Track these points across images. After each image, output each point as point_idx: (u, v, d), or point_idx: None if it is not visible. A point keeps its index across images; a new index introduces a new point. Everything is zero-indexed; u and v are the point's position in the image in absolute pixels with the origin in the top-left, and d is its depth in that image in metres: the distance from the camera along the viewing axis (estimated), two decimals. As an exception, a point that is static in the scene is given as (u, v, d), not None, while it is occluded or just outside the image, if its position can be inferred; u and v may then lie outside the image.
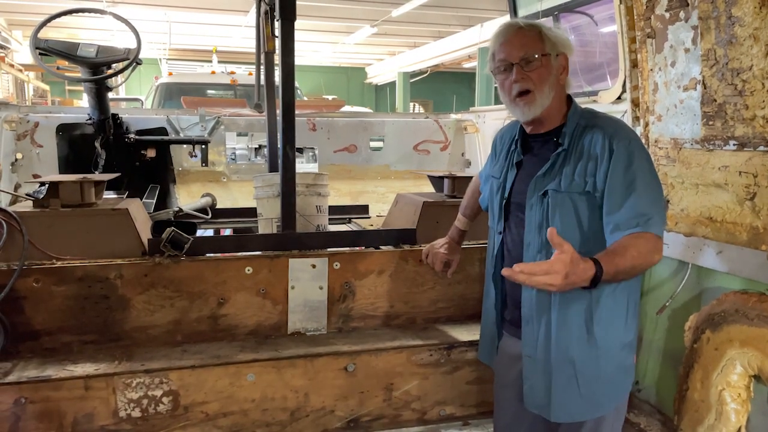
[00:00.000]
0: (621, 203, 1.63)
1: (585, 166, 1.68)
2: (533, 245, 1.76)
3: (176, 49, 16.64)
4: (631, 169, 1.63)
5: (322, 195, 2.82)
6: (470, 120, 4.68)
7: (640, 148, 1.69)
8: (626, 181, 1.63)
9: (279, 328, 2.40)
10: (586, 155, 1.68)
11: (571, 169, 1.70)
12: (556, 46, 1.73)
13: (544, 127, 1.80)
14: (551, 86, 1.72)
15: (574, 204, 1.69)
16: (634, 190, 1.62)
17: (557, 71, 1.74)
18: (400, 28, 15.18)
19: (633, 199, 1.62)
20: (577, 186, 1.68)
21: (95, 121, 3.32)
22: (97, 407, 2.03)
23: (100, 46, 3.05)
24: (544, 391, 1.77)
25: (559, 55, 1.75)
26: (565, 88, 1.80)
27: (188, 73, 10.08)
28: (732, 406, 1.96)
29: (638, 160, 1.65)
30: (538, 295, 1.75)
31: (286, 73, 2.37)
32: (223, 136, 4.26)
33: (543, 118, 1.78)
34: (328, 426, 2.26)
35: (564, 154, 1.73)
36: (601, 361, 1.72)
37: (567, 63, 1.77)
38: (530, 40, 1.71)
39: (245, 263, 2.34)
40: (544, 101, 1.72)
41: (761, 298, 1.92)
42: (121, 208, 2.33)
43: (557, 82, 1.75)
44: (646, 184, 1.64)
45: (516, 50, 1.71)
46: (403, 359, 2.32)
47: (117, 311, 2.22)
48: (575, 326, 1.71)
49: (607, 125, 1.71)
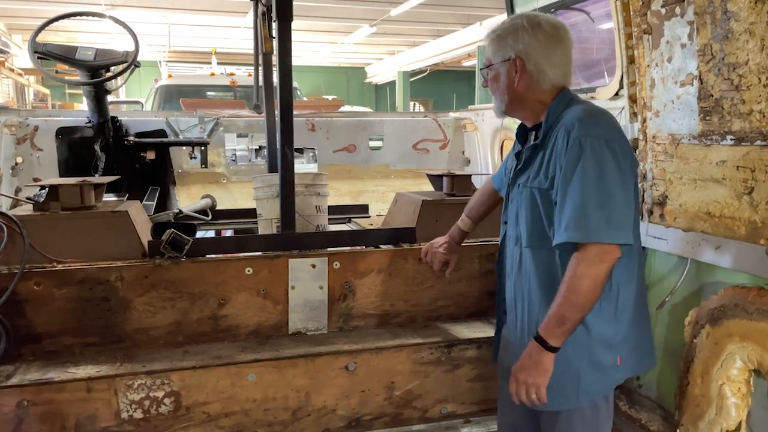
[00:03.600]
0: (559, 204, 1.63)
1: (548, 163, 1.70)
2: (511, 238, 1.84)
3: (176, 51, 16.67)
4: (574, 168, 1.60)
5: (321, 195, 2.83)
6: (469, 118, 4.69)
7: (594, 145, 1.60)
8: (564, 180, 1.61)
9: (280, 328, 2.41)
10: (550, 149, 1.70)
11: (537, 165, 1.74)
12: (499, 54, 1.77)
13: (528, 120, 1.86)
14: (503, 93, 1.80)
15: (537, 199, 1.72)
16: (567, 193, 1.60)
17: (508, 75, 1.76)
18: (399, 27, 15.18)
19: (568, 201, 1.60)
20: (539, 182, 1.72)
21: (94, 124, 3.33)
22: (99, 409, 2.04)
23: (99, 50, 3.06)
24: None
25: (507, 61, 1.75)
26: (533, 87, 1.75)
27: (188, 75, 10.09)
28: (732, 401, 1.96)
29: (586, 159, 1.58)
30: (516, 285, 1.81)
31: (284, 73, 2.37)
32: (222, 137, 4.27)
33: (515, 114, 1.87)
34: (329, 425, 2.27)
35: (535, 149, 1.77)
36: (568, 356, 1.69)
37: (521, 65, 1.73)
38: (487, 51, 1.84)
39: (245, 264, 2.34)
40: (500, 106, 1.84)
41: (760, 292, 1.92)
42: (121, 211, 2.34)
43: (510, 89, 1.77)
44: (582, 186, 1.58)
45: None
46: (404, 358, 2.33)
47: (118, 313, 2.23)
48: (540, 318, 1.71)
49: (573, 118, 1.66)
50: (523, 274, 1.79)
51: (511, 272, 1.85)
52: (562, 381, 1.72)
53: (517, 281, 1.82)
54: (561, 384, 1.72)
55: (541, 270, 1.73)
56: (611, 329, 1.73)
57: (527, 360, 1.67)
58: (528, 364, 1.66)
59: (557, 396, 1.73)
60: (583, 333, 1.70)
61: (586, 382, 1.73)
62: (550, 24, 1.75)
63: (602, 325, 1.71)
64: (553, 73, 1.76)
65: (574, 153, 1.60)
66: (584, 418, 1.77)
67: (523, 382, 1.67)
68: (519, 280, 1.81)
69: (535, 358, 1.64)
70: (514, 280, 1.83)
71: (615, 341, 1.74)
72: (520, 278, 1.80)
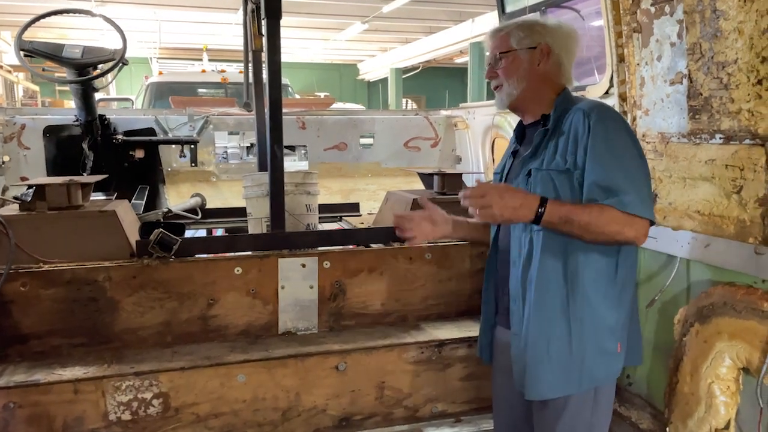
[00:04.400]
0: (587, 175, 1.67)
1: (566, 144, 1.72)
2: (518, 225, 1.81)
3: (166, 48, 16.56)
4: (605, 143, 1.66)
5: (311, 194, 2.81)
6: (460, 116, 4.68)
7: (618, 126, 1.71)
8: (596, 153, 1.66)
9: (270, 328, 2.39)
10: (567, 133, 1.72)
11: (553, 148, 1.75)
12: (526, 41, 1.82)
13: (533, 114, 1.88)
14: (520, 78, 1.83)
15: (554, 181, 1.72)
16: (601, 164, 1.65)
17: (530, 62, 1.82)
18: (391, 23, 15.14)
19: (598, 171, 1.65)
20: (557, 164, 1.72)
21: (82, 123, 3.30)
22: (87, 410, 2.02)
23: (86, 47, 3.03)
24: (523, 368, 1.79)
25: (534, 48, 1.82)
26: (552, 77, 1.85)
27: (179, 71, 10.03)
28: (721, 399, 1.97)
29: (614, 136, 1.68)
30: (523, 274, 1.79)
31: (273, 71, 2.36)
32: (212, 135, 4.24)
33: (523, 107, 1.89)
34: (319, 425, 2.26)
35: (548, 134, 1.78)
36: (574, 340, 1.72)
37: (547, 52, 1.82)
38: (500, 41, 1.87)
39: (235, 263, 2.33)
40: (512, 92, 1.85)
41: (749, 290, 1.92)
42: (109, 210, 2.32)
43: (531, 74, 1.82)
44: (616, 159, 1.65)
45: (490, 52, 1.91)
46: (395, 357, 2.32)
47: (106, 314, 2.21)
48: (552, 304, 1.73)
49: (589, 104, 1.74)
50: (532, 259, 1.77)
51: (518, 261, 1.82)
52: (567, 366, 1.73)
53: (525, 268, 1.79)
54: (568, 369, 1.73)
55: (554, 252, 1.73)
56: (614, 315, 1.76)
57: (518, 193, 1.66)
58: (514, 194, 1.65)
59: (563, 380, 1.74)
60: (591, 317, 1.73)
61: (590, 366, 1.74)
62: (568, 27, 1.88)
63: (607, 310, 1.74)
64: (568, 71, 1.87)
65: (602, 131, 1.67)
66: (584, 406, 1.77)
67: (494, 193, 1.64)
68: (528, 267, 1.78)
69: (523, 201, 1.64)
70: (522, 267, 1.79)
71: (617, 327, 1.77)
72: (529, 264, 1.77)
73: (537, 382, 1.76)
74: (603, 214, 1.62)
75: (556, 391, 1.76)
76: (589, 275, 1.72)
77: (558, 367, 1.73)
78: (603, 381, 1.79)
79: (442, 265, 2.57)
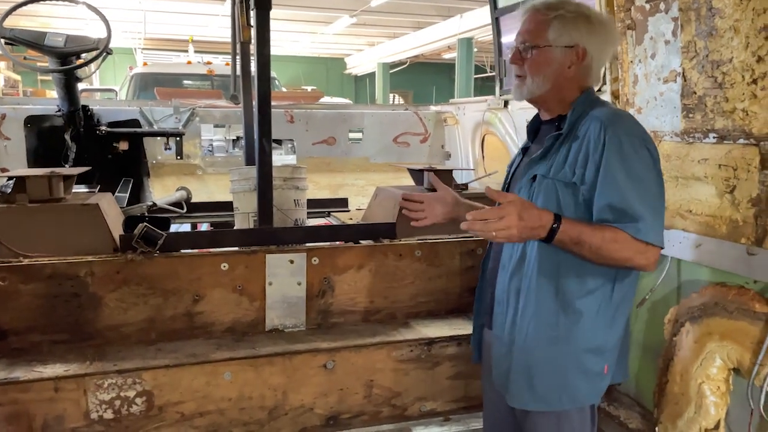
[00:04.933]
0: (600, 195, 1.57)
1: (577, 155, 1.61)
2: None
3: (151, 39, 16.35)
4: (621, 162, 1.54)
5: (300, 189, 2.77)
6: (450, 112, 4.65)
7: (637, 142, 1.57)
8: (611, 173, 1.54)
9: (256, 325, 2.35)
10: (580, 142, 1.61)
11: (563, 156, 1.65)
12: (565, 38, 1.65)
13: (550, 112, 1.77)
14: (547, 78, 1.68)
15: (558, 192, 1.62)
16: (616, 185, 1.54)
17: (562, 63, 1.67)
18: (379, 18, 15.09)
19: (612, 193, 1.54)
20: (564, 175, 1.63)
21: (65, 113, 3.23)
22: (68, 409, 1.97)
23: (69, 36, 2.96)
24: (506, 373, 1.75)
25: (571, 48, 1.66)
26: (579, 80, 1.70)
27: (164, 63, 9.89)
28: (711, 399, 1.97)
29: (631, 154, 1.54)
30: (510, 281, 1.73)
31: (262, 63, 2.31)
32: (198, 127, 4.18)
33: (541, 103, 1.77)
34: (307, 424, 2.23)
35: (561, 139, 1.67)
36: (560, 358, 1.66)
37: (582, 55, 1.66)
38: (536, 26, 1.68)
39: (221, 259, 2.28)
40: (534, 90, 1.71)
41: (740, 291, 1.92)
42: (92, 203, 2.26)
43: (559, 75, 1.68)
44: (633, 181, 1.54)
45: (521, 33, 1.71)
46: (384, 355, 2.29)
47: (88, 310, 2.15)
48: (538, 317, 1.66)
49: (608, 115, 1.61)
50: (524, 266, 1.70)
51: (507, 265, 1.76)
52: (549, 383, 1.69)
53: (514, 274, 1.72)
54: (548, 386, 1.69)
55: (547, 265, 1.65)
56: (603, 336, 1.68)
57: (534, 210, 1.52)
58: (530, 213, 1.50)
59: (543, 397, 1.70)
60: (579, 337, 1.65)
61: (574, 388, 1.69)
62: (610, 22, 1.72)
63: (595, 332, 1.66)
64: (598, 72, 1.74)
65: (617, 148, 1.54)
66: (571, 423, 1.72)
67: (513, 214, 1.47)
68: (517, 273, 1.71)
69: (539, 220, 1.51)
70: (511, 272, 1.73)
71: (605, 349, 1.69)
72: (519, 271, 1.71)
73: (518, 393, 1.72)
74: (616, 239, 1.51)
75: (534, 406, 1.71)
76: (582, 293, 1.64)
77: (540, 383, 1.67)
78: (585, 401, 1.73)
79: (432, 262, 2.55)
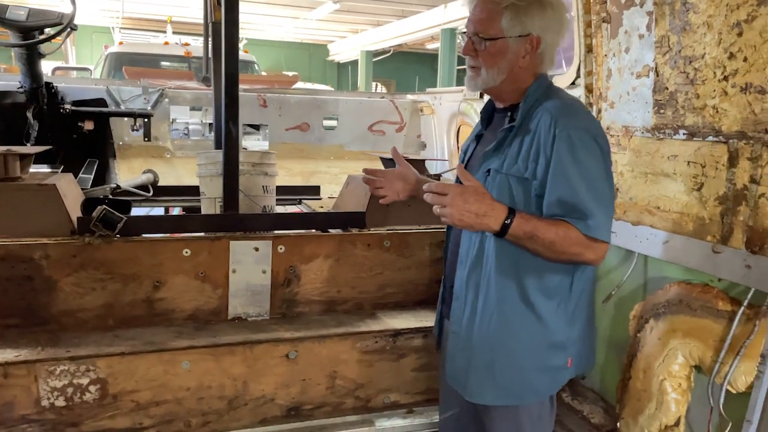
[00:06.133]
0: (550, 190, 1.55)
1: (529, 149, 1.59)
2: None
3: (130, 18, 15.98)
4: (572, 157, 1.52)
5: (269, 174, 2.71)
6: (426, 101, 4.61)
7: (586, 137, 1.55)
8: (561, 168, 1.53)
9: (219, 313, 2.30)
10: (532, 135, 1.59)
11: (516, 150, 1.62)
12: (518, 28, 1.60)
13: (504, 101, 1.74)
14: (501, 70, 1.64)
15: (512, 187, 1.60)
16: (566, 181, 1.52)
17: (516, 53, 1.63)
18: (362, 5, 14.90)
19: (563, 188, 1.52)
20: (517, 170, 1.60)
21: (27, 90, 3.11)
22: (18, 396, 1.90)
23: (32, 9, 2.85)
24: (464, 369, 1.73)
25: (524, 37, 1.62)
26: (533, 68, 1.67)
27: (140, 42, 9.68)
28: (672, 396, 1.97)
29: (581, 149, 1.53)
30: (470, 273, 1.70)
31: (230, 44, 2.25)
32: (167, 109, 4.07)
33: (496, 93, 1.74)
34: (267, 414, 2.19)
35: (514, 132, 1.65)
36: (520, 355, 1.65)
37: (536, 44, 1.62)
38: (488, 16, 1.63)
39: (183, 245, 2.22)
40: (489, 81, 1.67)
41: (705, 288, 1.92)
42: (49, 184, 2.18)
43: (514, 65, 1.64)
44: (582, 178, 1.52)
45: (472, 22, 1.66)
46: (348, 346, 2.26)
47: (42, 294, 2.08)
48: (500, 313, 1.65)
49: (559, 107, 1.58)
50: (482, 262, 1.68)
51: (465, 260, 1.73)
52: (511, 378, 1.67)
53: (472, 270, 1.70)
54: (510, 381, 1.67)
55: (504, 259, 1.63)
56: (565, 332, 1.67)
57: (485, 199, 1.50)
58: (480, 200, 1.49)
59: (505, 392, 1.68)
60: (537, 337, 1.64)
61: (536, 382, 1.68)
62: (561, 5, 1.66)
63: (557, 327, 1.65)
64: (551, 57, 1.70)
65: (567, 144, 1.52)
66: (530, 415, 1.72)
67: (457, 196, 1.48)
68: (475, 269, 1.69)
69: (489, 209, 1.49)
70: (469, 268, 1.71)
71: (568, 343, 1.68)
72: (478, 267, 1.69)
73: (478, 388, 1.71)
74: (568, 234, 1.50)
75: (497, 400, 1.70)
76: (542, 290, 1.63)
77: (500, 379, 1.66)
78: (546, 394, 1.73)
79: (401, 253, 2.51)
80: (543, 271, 1.61)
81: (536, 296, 1.63)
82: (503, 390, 1.68)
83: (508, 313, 1.64)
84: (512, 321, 1.64)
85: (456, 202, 1.48)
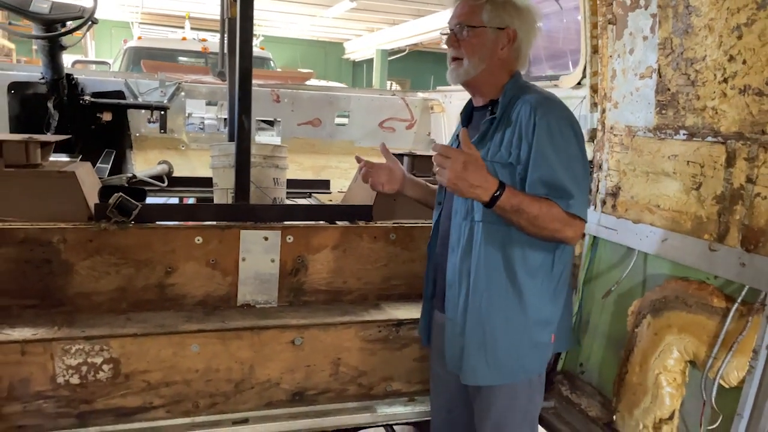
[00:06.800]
0: (532, 170, 1.66)
1: (511, 137, 1.70)
2: (459, 212, 1.81)
3: (149, 13, 16.16)
4: (550, 140, 1.64)
5: (280, 167, 2.78)
6: (436, 99, 4.66)
7: (564, 124, 1.68)
8: (541, 151, 1.64)
9: (228, 299, 2.37)
10: (513, 125, 1.71)
11: (499, 139, 1.74)
12: (497, 20, 1.75)
13: (482, 97, 1.85)
14: (482, 59, 1.77)
15: (496, 174, 1.68)
16: (547, 163, 1.63)
17: (495, 44, 1.77)
18: (379, 4, 14.94)
19: (544, 169, 1.64)
20: (501, 156, 1.71)
21: (48, 81, 3.21)
22: (34, 373, 1.98)
23: (55, 2, 2.94)
24: (460, 353, 1.81)
25: (503, 29, 1.76)
26: (510, 63, 1.80)
27: (158, 38, 9.81)
28: (667, 390, 2.01)
29: (559, 134, 1.66)
30: (461, 263, 1.79)
31: (244, 40, 2.31)
32: (183, 102, 4.16)
33: (475, 86, 1.84)
34: (272, 398, 2.26)
35: (495, 123, 1.76)
36: (511, 332, 1.75)
37: (512, 37, 1.77)
38: (470, 10, 1.77)
39: (195, 233, 2.29)
40: (470, 71, 1.79)
41: (701, 285, 1.96)
42: (68, 171, 2.26)
43: (493, 56, 1.77)
44: (561, 160, 1.64)
45: (455, 17, 1.81)
46: (352, 334, 2.32)
47: (59, 276, 2.17)
48: (489, 294, 1.75)
49: (538, 99, 1.70)
50: (472, 249, 1.77)
51: (456, 248, 1.82)
52: (502, 357, 1.76)
53: (464, 257, 1.79)
54: (503, 361, 1.76)
55: (493, 245, 1.73)
56: (549, 309, 1.79)
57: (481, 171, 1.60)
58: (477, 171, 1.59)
59: (498, 371, 1.77)
60: (527, 310, 1.75)
61: (526, 360, 1.79)
62: (533, 7, 1.82)
63: (541, 305, 1.76)
64: (526, 55, 1.83)
65: (546, 129, 1.64)
66: (521, 393, 1.81)
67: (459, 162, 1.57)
68: (467, 255, 1.78)
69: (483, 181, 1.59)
70: (461, 255, 1.80)
71: (551, 320, 1.80)
72: (469, 252, 1.77)
73: (473, 370, 1.79)
74: (551, 210, 1.62)
75: (491, 380, 1.79)
76: (527, 270, 1.74)
77: (493, 358, 1.76)
78: (535, 371, 1.84)
79: (406, 246, 2.57)
80: (527, 251, 1.73)
81: (522, 276, 1.73)
82: (496, 369, 1.77)
83: (498, 291, 1.74)
84: (502, 299, 1.74)
85: (455, 167, 1.58)
